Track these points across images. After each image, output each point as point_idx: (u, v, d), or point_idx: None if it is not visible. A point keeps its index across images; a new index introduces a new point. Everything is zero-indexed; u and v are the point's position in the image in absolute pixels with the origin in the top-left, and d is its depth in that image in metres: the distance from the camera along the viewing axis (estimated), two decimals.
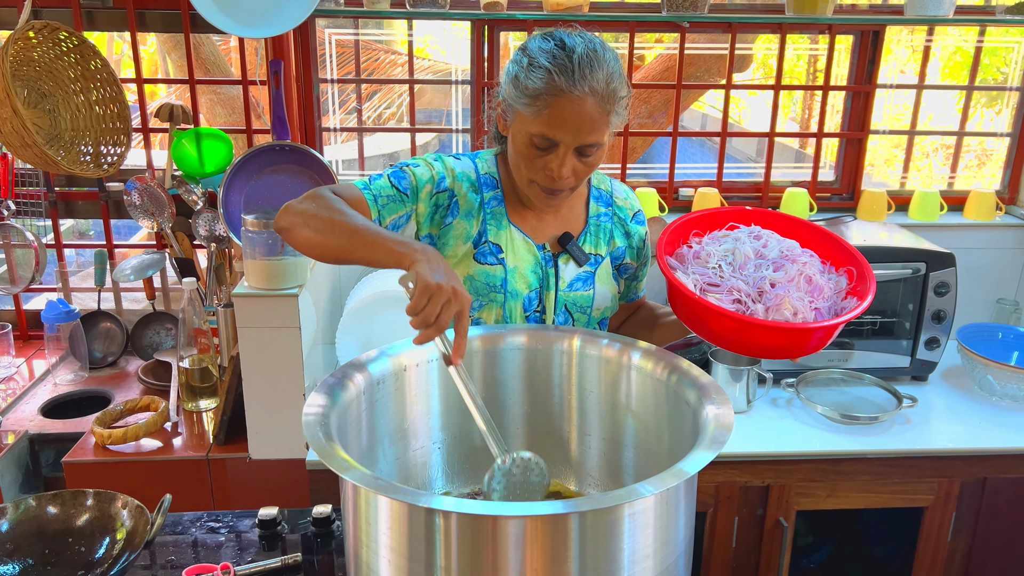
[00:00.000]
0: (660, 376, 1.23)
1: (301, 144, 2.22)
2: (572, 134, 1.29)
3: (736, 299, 1.30)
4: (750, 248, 1.36)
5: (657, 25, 2.54)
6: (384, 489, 0.91)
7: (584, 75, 1.26)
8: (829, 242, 1.44)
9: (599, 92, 1.27)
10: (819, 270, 1.35)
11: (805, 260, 1.34)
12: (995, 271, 2.60)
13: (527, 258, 1.45)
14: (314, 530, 1.42)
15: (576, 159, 1.33)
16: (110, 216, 2.52)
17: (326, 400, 1.11)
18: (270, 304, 1.90)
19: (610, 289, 1.50)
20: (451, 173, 1.44)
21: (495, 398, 1.34)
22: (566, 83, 1.26)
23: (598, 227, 1.51)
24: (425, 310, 1.08)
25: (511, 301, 1.43)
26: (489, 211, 1.44)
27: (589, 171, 1.36)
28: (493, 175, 1.47)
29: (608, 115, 1.30)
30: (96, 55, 2.30)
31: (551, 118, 1.28)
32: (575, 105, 1.27)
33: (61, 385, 2.37)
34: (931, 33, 2.62)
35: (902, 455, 2.02)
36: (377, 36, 4.68)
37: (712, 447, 1.02)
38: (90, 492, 1.27)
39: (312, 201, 1.28)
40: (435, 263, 1.12)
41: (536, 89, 1.28)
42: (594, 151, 1.33)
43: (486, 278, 1.42)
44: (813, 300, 1.30)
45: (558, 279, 1.46)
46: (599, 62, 1.28)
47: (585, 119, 1.28)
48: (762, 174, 2.63)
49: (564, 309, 1.46)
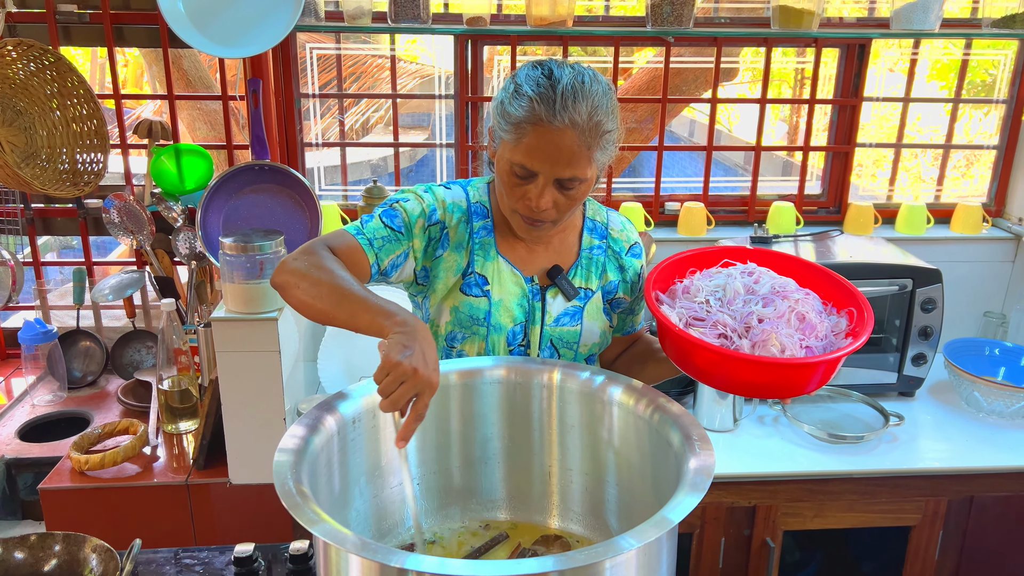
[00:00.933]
0: (642, 414, 1.21)
1: (281, 164, 2.19)
2: (550, 165, 1.26)
3: (721, 334, 1.27)
4: (740, 284, 1.33)
5: (642, 39, 2.52)
6: (355, 547, 0.89)
7: (566, 106, 1.24)
8: (830, 282, 1.40)
9: (580, 125, 1.24)
10: (815, 309, 1.31)
11: (798, 297, 1.30)
12: (982, 284, 2.60)
13: (513, 291, 1.42)
14: (291, 567, 1.39)
15: (556, 192, 1.30)
16: (89, 233, 2.48)
17: (298, 444, 1.08)
18: (249, 328, 1.87)
19: (599, 325, 1.46)
20: (442, 204, 1.41)
21: (474, 432, 1.32)
22: (546, 113, 1.24)
23: (590, 260, 1.47)
24: (383, 384, 1.06)
25: (494, 335, 1.40)
26: (478, 241, 1.41)
27: (572, 205, 1.32)
28: (484, 204, 1.44)
29: (590, 149, 1.26)
30: (72, 71, 2.26)
31: (529, 147, 1.26)
32: (554, 136, 1.24)
33: (39, 406, 2.33)
34: (917, 46, 2.61)
35: (889, 474, 2.01)
36: (358, 50, 4.65)
37: (694, 492, 1.00)
38: (59, 535, 1.24)
39: (306, 258, 1.26)
40: (409, 339, 1.09)
41: (518, 117, 1.26)
42: (576, 185, 1.29)
43: (470, 310, 1.40)
44: (805, 338, 1.26)
45: (544, 313, 1.42)
46: (584, 94, 1.25)
47: (564, 151, 1.25)
48: (749, 187, 2.61)
49: (550, 344, 1.43)
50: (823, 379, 1.26)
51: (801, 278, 1.39)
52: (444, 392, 1.28)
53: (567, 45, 2.39)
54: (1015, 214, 2.62)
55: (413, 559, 0.88)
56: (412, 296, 1.49)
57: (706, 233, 2.52)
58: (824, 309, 1.35)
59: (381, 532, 1.28)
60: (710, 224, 2.54)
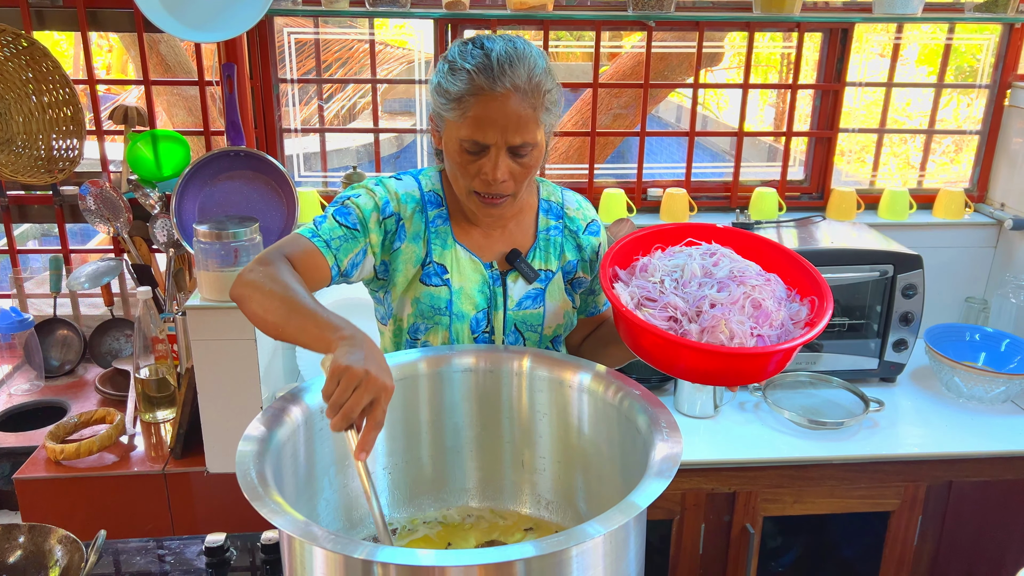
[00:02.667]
0: (611, 400, 1.20)
1: (256, 150, 2.17)
2: (499, 133, 1.25)
3: (671, 316, 1.23)
4: (698, 265, 1.28)
5: (623, 24, 2.49)
6: (318, 539, 0.88)
7: (504, 71, 1.24)
8: (796, 267, 1.35)
9: (521, 87, 1.24)
10: (774, 296, 1.26)
11: (756, 283, 1.25)
12: (964, 269, 2.60)
13: (473, 278, 1.40)
14: (263, 557, 1.39)
15: (510, 160, 1.29)
16: (65, 220, 2.45)
17: (263, 433, 1.07)
18: (224, 316, 1.86)
19: (561, 305, 1.46)
20: (395, 196, 1.39)
21: (444, 421, 1.31)
22: (487, 81, 1.24)
23: (548, 241, 1.46)
24: (334, 395, 1.00)
25: (457, 323, 1.39)
26: (433, 230, 1.40)
27: (527, 173, 1.31)
28: (437, 192, 1.43)
29: (535, 111, 1.26)
30: (47, 56, 2.22)
31: (476, 119, 1.25)
32: (498, 102, 1.24)
33: (16, 395, 2.31)
34: (900, 31, 2.59)
35: (868, 460, 2.01)
36: (338, 35, 4.60)
37: (660, 479, 1.00)
38: (24, 527, 1.22)
39: (261, 269, 1.23)
40: (356, 348, 1.05)
41: (458, 92, 1.26)
42: (528, 151, 1.28)
43: (431, 300, 1.38)
44: (758, 326, 1.21)
45: (506, 298, 1.41)
46: (520, 58, 1.26)
47: (511, 116, 1.24)
48: (732, 173, 2.60)
49: (514, 328, 1.42)
50: (775, 368, 1.22)
51: (768, 261, 1.36)
52: (413, 382, 1.27)
53: (548, 29, 2.37)
54: (997, 200, 2.62)
55: (376, 550, 0.87)
56: (373, 292, 1.47)
57: (688, 219, 2.50)
58: (788, 295, 1.31)
59: (352, 522, 1.27)
60: (692, 210, 2.53)
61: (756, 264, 1.33)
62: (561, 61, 6.08)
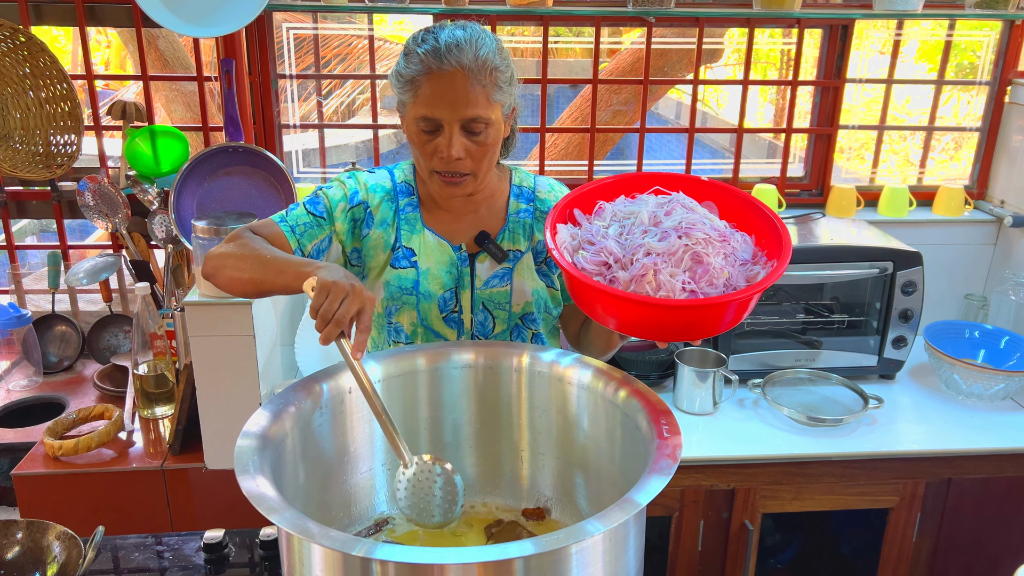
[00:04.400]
0: (611, 397, 1.19)
1: (255, 145, 2.16)
2: (449, 109, 1.31)
3: (603, 261, 1.19)
4: (648, 213, 1.22)
5: (623, 20, 2.49)
6: (316, 536, 0.87)
7: (451, 51, 1.30)
8: (771, 229, 1.26)
9: (468, 64, 1.30)
10: (725, 252, 1.19)
11: (702, 237, 1.18)
12: (964, 266, 2.59)
13: (441, 259, 1.46)
14: (262, 553, 1.39)
15: (465, 138, 1.34)
16: (64, 216, 2.45)
17: (261, 432, 1.06)
18: (223, 312, 1.85)
19: (531, 284, 1.48)
20: (364, 186, 1.48)
21: (444, 417, 1.31)
22: (435, 61, 1.30)
23: (517, 223, 1.50)
24: (324, 306, 1.10)
25: (424, 302, 1.45)
26: (404, 217, 1.47)
27: (484, 151, 1.36)
28: (410, 183, 1.51)
29: (485, 88, 1.31)
30: (44, 51, 2.22)
31: (427, 97, 1.32)
32: (446, 79, 1.30)
33: (14, 391, 2.31)
34: (900, 27, 2.58)
35: (867, 457, 2.01)
36: (337, 30, 4.59)
37: (661, 476, 0.99)
38: (22, 522, 1.22)
39: (229, 243, 1.33)
40: (335, 270, 1.15)
41: (411, 74, 1.33)
42: (482, 128, 1.33)
43: (399, 281, 1.45)
44: (695, 281, 1.15)
45: (474, 278, 1.47)
46: (468, 40, 1.32)
47: (459, 92, 1.30)
48: (732, 170, 2.59)
49: (482, 307, 1.47)
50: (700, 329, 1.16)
51: (745, 220, 1.28)
52: (412, 378, 1.27)
53: (547, 25, 2.37)
54: (997, 196, 2.62)
55: (376, 548, 0.86)
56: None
57: None
58: (752, 257, 1.24)
59: (352, 518, 1.27)
60: None
61: (723, 221, 1.26)
62: (560, 57, 6.07)
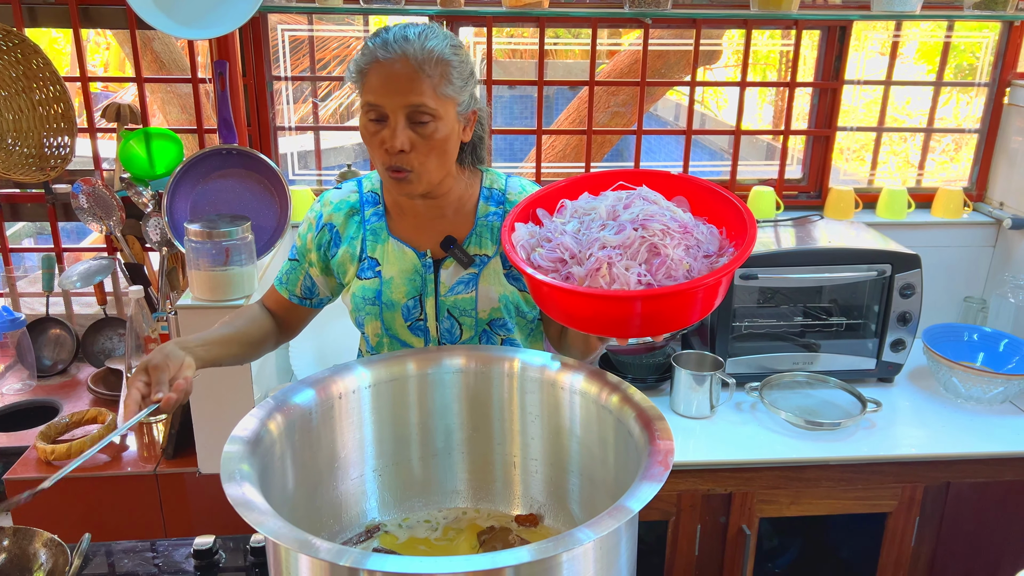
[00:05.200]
0: (604, 402, 1.18)
1: (249, 148, 2.15)
2: (391, 95, 1.29)
3: (559, 257, 1.17)
4: (607, 208, 1.19)
5: (620, 21, 2.48)
6: (302, 547, 0.86)
7: (397, 40, 1.31)
8: (740, 222, 1.20)
9: (411, 53, 1.29)
10: (686, 244, 1.15)
11: (659, 228, 1.14)
12: (962, 269, 2.58)
13: (404, 267, 1.45)
14: (253, 559, 1.37)
15: (411, 130, 1.31)
16: (58, 219, 2.44)
17: (249, 438, 1.05)
18: (216, 316, 1.82)
19: (498, 288, 1.44)
20: (328, 206, 1.50)
21: (435, 423, 1.30)
22: (381, 51, 1.31)
23: (485, 226, 1.46)
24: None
25: (388, 311, 1.45)
26: (369, 228, 1.48)
27: (431, 148, 1.33)
28: (376, 192, 1.50)
29: (430, 77, 1.29)
30: (37, 53, 2.21)
31: (371, 85, 1.31)
32: (389, 67, 1.30)
33: (8, 395, 2.30)
34: (899, 28, 2.57)
35: (865, 461, 1.99)
36: (333, 31, 4.58)
37: (653, 483, 0.98)
38: (8, 529, 1.21)
39: None
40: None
41: (359, 65, 1.33)
42: (427, 119, 1.31)
43: (363, 292, 1.46)
44: (652, 273, 1.12)
45: (438, 284, 1.45)
46: (415, 31, 1.32)
47: (401, 79, 1.29)
48: (729, 172, 2.58)
49: (447, 314, 1.45)
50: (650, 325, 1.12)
51: (717, 213, 1.23)
52: (402, 383, 1.26)
53: (544, 27, 2.35)
54: (996, 199, 2.60)
55: (365, 559, 0.85)
56: (343, 298, 1.56)
57: None
58: (719, 249, 1.19)
59: (342, 525, 1.26)
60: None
61: (689, 214, 1.22)
62: (560, 59, 6.06)
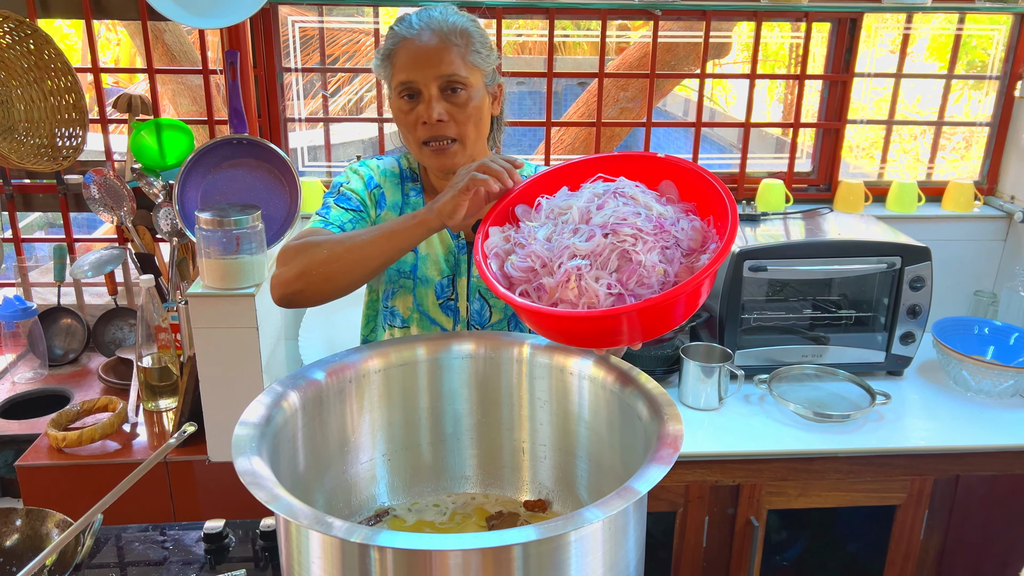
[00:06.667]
0: (612, 387, 1.18)
1: (259, 138, 2.16)
2: (424, 69, 1.34)
3: (530, 267, 1.12)
4: (579, 210, 1.13)
5: (630, 13, 2.47)
6: (314, 523, 0.86)
7: (422, 18, 1.37)
8: (722, 210, 1.11)
9: (438, 28, 1.35)
10: (662, 244, 1.09)
11: (630, 233, 1.08)
12: (973, 263, 2.57)
13: (440, 246, 1.49)
14: (263, 544, 1.38)
15: (445, 102, 1.36)
16: (70, 209, 2.45)
17: (260, 419, 1.06)
18: (226, 304, 1.85)
19: None
20: (376, 171, 1.52)
21: (444, 408, 1.30)
22: (407, 29, 1.37)
23: None
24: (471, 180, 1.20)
25: (421, 287, 1.47)
26: (408, 203, 1.50)
27: (467, 116, 1.37)
28: (414, 169, 1.54)
29: (459, 47, 1.35)
30: (50, 43, 2.22)
31: (403, 64, 1.36)
32: (417, 42, 1.35)
33: (19, 384, 2.31)
34: (910, 21, 2.56)
35: (874, 453, 1.99)
36: (343, 23, 4.58)
37: (661, 465, 0.98)
38: (21, 510, 1.22)
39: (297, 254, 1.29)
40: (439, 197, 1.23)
41: (387, 49, 1.39)
42: (460, 89, 1.36)
43: (398, 264, 1.47)
44: (623, 283, 1.06)
45: (470, 266, 1.49)
46: (441, 11, 1.38)
47: (431, 53, 1.34)
48: (738, 165, 2.58)
49: (478, 295, 1.49)
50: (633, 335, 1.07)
51: (705, 197, 1.15)
52: (412, 368, 1.26)
53: (553, 17, 2.35)
54: (1007, 192, 2.59)
55: (375, 535, 0.85)
56: None
57: None
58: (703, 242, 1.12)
59: (352, 509, 1.26)
60: None
61: (670, 207, 1.14)
62: (568, 55, 6.05)
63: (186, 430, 1.19)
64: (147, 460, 1.12)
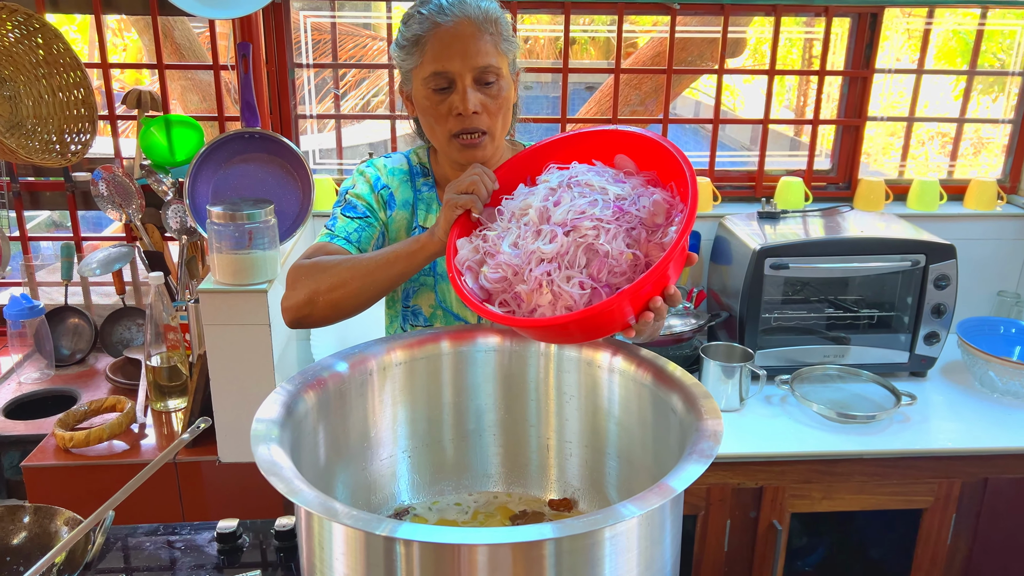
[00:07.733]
0: (644, 380, 1.14)
1: (271, 132, 2.12)
2: (460, 59, 1.28)
3: (503, 276, 1.08)
4: (537, 211, 1.08)
5: (647, 7, 2.44)
6: (338, 515, 0.82)
7: (453, 5, 1.29)
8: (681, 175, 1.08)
9: (472, 15, 1.29)
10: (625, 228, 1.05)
11: (590, 227, 1.04)
12: (996, 263, 2.52)
13: None
14: (277, 544, 1.33)
15: (479, 92, 1.30)
16: (78, 207, 2.41)
17: (280, 411, 1.02)
18: (238, 300, 1.81)
19: None
20: (383, 171, 1.46)
21: (468, 403, 1.25)
22: (439, 16, 1.29)
23: None
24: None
25: (443, 283, 1.43)
26: (420, 198, 1.46)
27: (499, 106, 1.33)
28: (425, 164, 1.49)
29: (492, 36, 1.30)
30: (58, 39, 2.19)
31: (436, 53, 1.29)
32: (452, 31, 1.28)
33: (26, 384, 2.27)
34: (931, 16, 2.52)
35: (900, 455, 1.94)
36: (356, 19, 4.56)
37: (700, 460, 0.93)
38: (30, 508, 1.18)
39: (306, 275, 1.27)
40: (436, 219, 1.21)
41: (415, 35, 1.30)
42: (494, 79, 1.31)
43: None
44: (595, 277, 1.04)
45: None
46: None
47: (468, 41, 1.28)
48: (756, 163, 2.54)
49: None
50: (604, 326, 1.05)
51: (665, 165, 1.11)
52: (435, 361, 1.22)
53: (569, 12, 2.32)
54: None
55: (400, 527, 0.81)
56: None
57: (712, 209, 2.44)
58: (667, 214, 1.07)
59: (371, 507, 1.22)
60: (716, 200, 2.47)
61: (627, 184, 1.10)
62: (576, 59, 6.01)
63: (200, 425, 1.15)
64: (159, 456, 1.07)
